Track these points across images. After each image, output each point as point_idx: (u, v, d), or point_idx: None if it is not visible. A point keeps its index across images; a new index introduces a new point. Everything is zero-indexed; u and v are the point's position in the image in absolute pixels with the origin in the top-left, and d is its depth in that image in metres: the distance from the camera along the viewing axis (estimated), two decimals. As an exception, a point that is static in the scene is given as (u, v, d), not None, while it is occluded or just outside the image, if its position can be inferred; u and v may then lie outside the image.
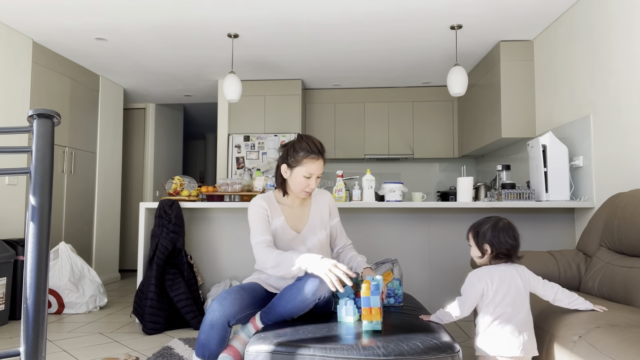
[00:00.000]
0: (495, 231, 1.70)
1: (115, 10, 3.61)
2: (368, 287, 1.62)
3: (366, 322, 1.59)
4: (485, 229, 1.71)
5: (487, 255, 1.71)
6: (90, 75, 5.13)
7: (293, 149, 1.99)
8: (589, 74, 3.24)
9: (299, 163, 1.96)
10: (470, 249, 1.78)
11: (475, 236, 1.74)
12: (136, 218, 6.50)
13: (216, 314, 1.70)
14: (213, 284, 3.59)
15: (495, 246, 1.68)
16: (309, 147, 1.96)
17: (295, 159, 1.97)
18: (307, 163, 1.96)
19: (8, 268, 3.43)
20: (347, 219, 3.58)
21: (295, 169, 1.97)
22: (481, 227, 1.73)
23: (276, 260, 1.83)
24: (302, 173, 1.96)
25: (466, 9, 3.58)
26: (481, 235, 1.72)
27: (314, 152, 1.96)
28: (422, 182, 6.14)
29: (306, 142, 1.97)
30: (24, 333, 0.88)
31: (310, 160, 1.96)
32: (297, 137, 2.02)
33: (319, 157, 1.98)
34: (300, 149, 1.97)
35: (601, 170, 3.10)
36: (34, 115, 0.95)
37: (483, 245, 1.70)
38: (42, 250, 0.90)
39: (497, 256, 1.69)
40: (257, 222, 1.98)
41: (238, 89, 4.23)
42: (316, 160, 1.97)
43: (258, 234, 1.95)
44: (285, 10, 3.62)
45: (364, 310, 1.60)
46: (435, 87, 5.80)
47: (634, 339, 1.30)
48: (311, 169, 1.96)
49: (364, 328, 1.59)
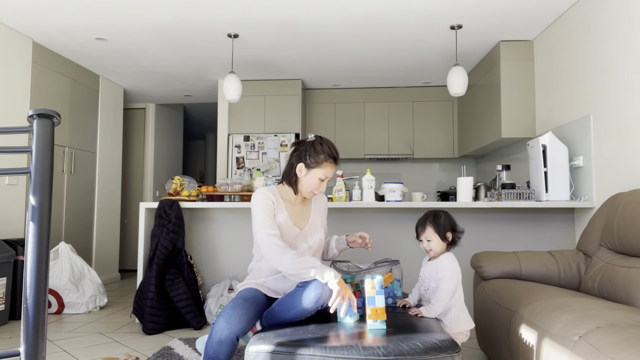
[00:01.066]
0: (450, 219, 1.93)
1: (115, 11, 3.61)
2: (373, 285, 1.60)
3: (371, 321, 1.58)
4: (443, 219, 1.92)
5: (447, 242, 1.92)
6: (90, 75, 5.13)
7: (314, 150, 1.97)
8: (589, 74, 3.24)
9: (319, 165, 1.96)
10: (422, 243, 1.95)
11: (436, 228, 1.91)
12: (136, 218, 6.50)
13: (225, 332, 1.68)
14: (213, 284, 3.59)
15: (456, 230, 1.92)
16: (330, 151, 1.98)
17: (316, 160, 1.96)
18: (326, 167, 1.97)
19: (8, 268, 3.43)
20: (347, 219, 3.58)
21: (313, 170, 1.97)
22: (438, 219, 1.92)
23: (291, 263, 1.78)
24: (318, 175, 1.97)
25: (466, 9, 3.58)
26: (442, 225, 1.91)
27: (332, 157, 1.98)
28: (422, 182, 6.14)
29: (327, 145, 1.99)
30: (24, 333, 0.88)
31: (329, 164, 1.97)
32: (318, 138, 2.02)
33: (335, 162, 2.01)
34: (322, 152, 1.97)
35: (601, 170, 3.10)
36: (34, 115, 0.95)
37: (446, 234, 1.90)
38: (42, 250, 0.90)
39: (453, 240, 1.92)
40: (265, 212, 1.92)
41: (238, 89, 4.23)
42: (334, 165, 2.00)
43: (268, 227, 1.88)
44: (285, 11, 3.62)
45: (369, 309, 1.58)
46: (435, 87, 5.80)
47: (634, 339, 1.30)
48: (328, 173, 1.98)
49: (369, 327, 1.58)
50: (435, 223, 1.91)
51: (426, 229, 1.93)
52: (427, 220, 1.93)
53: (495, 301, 2.19)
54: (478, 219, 3.51)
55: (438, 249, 1.92)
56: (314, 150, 1.97)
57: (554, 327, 1.62)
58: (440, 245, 1.91)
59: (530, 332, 1.75)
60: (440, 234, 1.90)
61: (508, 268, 2.45)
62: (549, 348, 1.61)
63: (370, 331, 1.55)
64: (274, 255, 1.82)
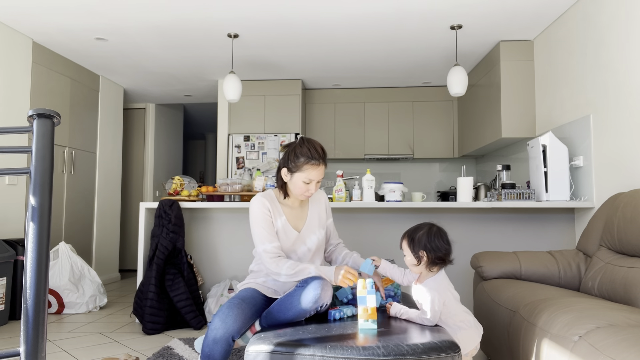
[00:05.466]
0: (430, 236, 1.69)
1: (115, 10, 3.61)
2: (364, 285, 1.62)
3: (362, 321, 1.59)
4: (420, 235, 1.69)
5: (423, 262, 1.69)
6: (90, 75, 5.13)
7: (294, 154, 1.92)
8: (589, 74, 3.24)
9: (299, 169, 1.91)
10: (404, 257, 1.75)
11: (410, 243, 1.70)
12: (136, 218, 6.50)
13: (219, 332, 1.68)
14: (213, 284, 3.59)
15: (432, 251, 1.67)
16: (310, 153, 1.90)
17: (296, 164, 1.91)
18: (307, 169, 1.90)
19: (8, 268, 3.43)
20: (347, 219, 3.58)
21: (295, 174, 1.92)
22: (415, 234, 1.71)
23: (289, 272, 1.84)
24: (301, 179, 1.91)
25: (466, 9, 3.58)
26: (417, 241, 1.69)
27: (314, 158, 1.90)
28: (422, 182, 6.14)
29: (307, 147, 1.91)
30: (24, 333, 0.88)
31: (310, 166, 1.90)
32: (299, 140, 1.96)
33: (320, 162, 1.92)
34: (301, 155, 1.90)
35: (601, 170, 3.10)
36: (34, 115, 0.95)
37: (419, 252, 1.68)
38: (42, 250, 0.90)
39: (433, 261, 1.68)
40: (262, 226, 1.92)
41: (238, 89, 4.23)
42: (317, 167, 1.91)
43: (266, 241, 1.90)
44: (285, 10, 3.62)
45: (361, 309, 1.59)
46: (435, 87, 5.80)
47: (634, 339, 1.30)
48: (311, 175, 1.91)
49: (360, 327, 1.59)
50: (411, 237, 1.71)
51: (402, 241, 1.75)
52: (407, 232, 1.75)
53: (495, 301, 2.19)
54: (478, 219, 3.51)
55: (414, 268, 1.73)
56: (294, 154, 1.93)
57: (554, 327, 1.62)
58: (413, 263, 1.70)
59: (530, 332, 1.75)
60: (413, 251, 1.69)
61: (508, 268, 2.45)
62: (549, 348, 1.61)
63: (361, 331, 1.56)
64: (273, 269, 1.87)
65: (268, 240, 1.91)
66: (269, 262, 1.88)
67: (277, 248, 1.91)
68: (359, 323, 1.60)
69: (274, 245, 1.90)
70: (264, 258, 1.89)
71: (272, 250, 1.89)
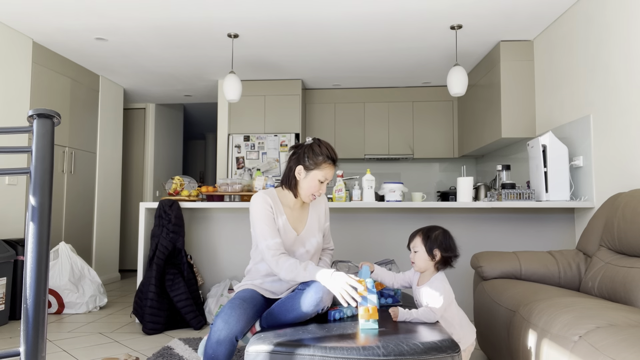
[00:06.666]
0: (446, 237, 1.77)
1: (115, 10, 3.61)
2: (365, 285, 1.62)
3: (363, 321, 1.59)
4: (437, 234, 1.77)
5: (434, 261, 1.76)
6: (90, 75, 5.13)
7: (312, 152, 1.99)
8: (589, 74, 3.24)
9: (318, 167, 1.97)
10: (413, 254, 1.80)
11: (426, 240, 1.77)
12: (136, 218, 6.50)
13: (223, 333, 1.68)
14: (213, 284, 3.59)
15: (445, 251, 1.74)
16: (328, 152, 1.99)
17: (315, 162, 1.97)
18: (325, 168, 1.98)
19: (8, 268, 3.43)
20: (347, 219, 3.58)
21: (312, 171, 1.98)
22: (432, 232, 1.78)
23: (289, 271, 1.84)
24: (318, 177, 1.98)
25: (466, 9, 3.58)
26: (433, 239, 1.76)
27: (331, 159, 1.99)
28: (422, 182, 6.14)
29: (326, 147, 2.01)
30: (24, 333, 0.88)
31: (328, 165, 1.98)
32: (316, 140, 2.04)
33: (334, 164, 2.02)
34: (320, 153, 1.98)
35: (601, 170, 3.10)
36: (34, 115, 0.95)
37: (434, 250, 1.75)
38: (42, 250, 0.90)
39: (444, 261, 1.75)
40: (264, 222, 1.93)
41: (238, 89, 4.23)
42: (333, 167, 2.01)
43: (268, 237, 1.91)
44: (285, 10, 3.62)
45: (362, 309, 1.59)
46: (435, 87, 5.80)
47: (634, 339, 1.30)
48: (327, 174, 1.99)
49: (361, 327, 1.59)
50: (427, 235, 1.79)
51: (415, 238, 1.82)
52: (421, 229, 1.83)
53: (495, 301, 2.19)
54: (478, 219, 3.51)
55: (422, 264, 1.79)
56: (313, 152, 1.99)
57: (554, 327, 1.62)
58: (425, 260, 1.77)
59: (530, 332, 1.75)
60: (427, 248, 1.76)
61: (508, 268, 2.45)
62: (549, 348, 1.61)
63: (362, 331, 1.56)
64: (274, 267, 1.88)
65: (270, 236, 1.91)
66: (271, 259, 1.88)
67: (279, 244, 1.91)
68: (360, 323, 1.60)
69: (276, 242, 1.90)
70: (266, 255, 1.89)
71: (275, 246, 1.89)
